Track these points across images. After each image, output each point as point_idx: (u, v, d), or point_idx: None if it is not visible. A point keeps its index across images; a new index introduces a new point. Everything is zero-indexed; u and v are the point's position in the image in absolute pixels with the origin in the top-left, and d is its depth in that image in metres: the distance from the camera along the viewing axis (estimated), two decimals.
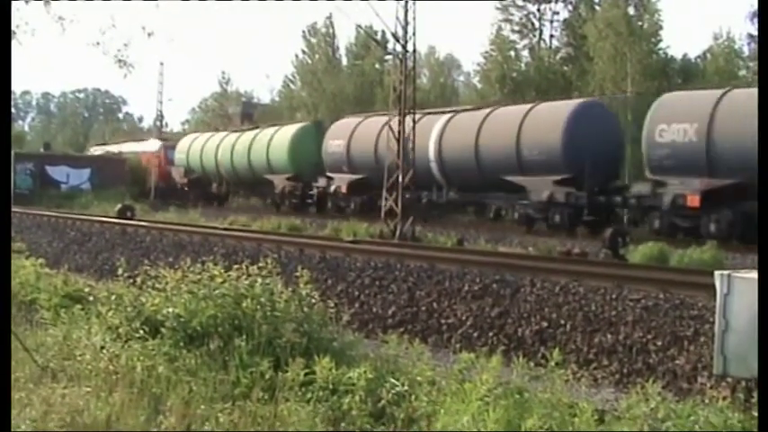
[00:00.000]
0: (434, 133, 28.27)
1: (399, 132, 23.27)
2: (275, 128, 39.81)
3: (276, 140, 37.73)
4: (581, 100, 27.81)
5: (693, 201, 20.72)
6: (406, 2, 23.19)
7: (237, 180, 41.54)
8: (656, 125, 22.03)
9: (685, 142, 21.14)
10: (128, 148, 55.07)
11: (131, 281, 7.85)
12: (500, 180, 25.25)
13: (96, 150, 59.76)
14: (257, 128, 42.47)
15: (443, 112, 28.87)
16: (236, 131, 44.24)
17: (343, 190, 32.22)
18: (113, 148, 57.48)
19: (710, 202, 20.56)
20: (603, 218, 23.66)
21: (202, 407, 5.42)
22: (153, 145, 52.17)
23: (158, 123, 51.12)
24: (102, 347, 6.54)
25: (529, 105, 27.17)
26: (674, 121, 21.67)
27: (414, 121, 23.69)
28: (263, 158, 38.15)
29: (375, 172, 28.12)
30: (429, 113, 29.18)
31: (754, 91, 23.29)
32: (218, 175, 42.52)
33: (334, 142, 33.62)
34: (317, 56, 58.81)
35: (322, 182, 33.93)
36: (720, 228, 20.26)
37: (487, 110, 27.85)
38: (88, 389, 5.72)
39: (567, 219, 24.08)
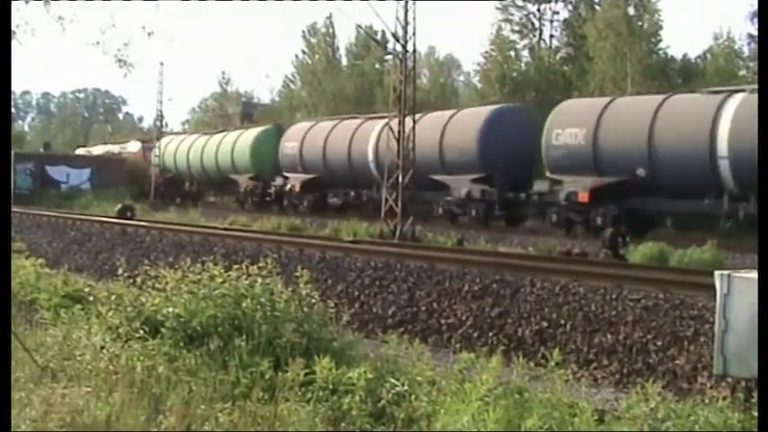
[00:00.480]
0: (373, 136, 30.99)
1: (399, 132, 23.27)
2: (240, 131, 42.91)
3: (240, 143, 40.37)
4: (497, 106, 30.38)
5: (584, 197, 23.16)
6: (406, 2, 23.18)
7: (207, 180, 44.10)
8: (553, 129, 24.43)
9: (576, 145, 23.50)
10: (110, 149, 57.89)
11: (131, 281, 7.85)
12: (429, 179, 26.79)
13: (79, 152, 61.07)
14: (224, 131, 45.70)
15: (382, 117, 30.57)
16: (206, 134, 47.23)
17: (297, 189, 35.01)
18: (97, 150, 59.24)
19: (598, 199, 22.82)
20: (514, 212, 26.39)
21: (202, 407, 5.42)
22: (134, 146, 55.01)
23: (158, 123, 51.03)
24: (102, 347, 6.54)
25: (452, 111, 29.89)
26: (567, 126, 24.08)
27: (414, 122, 23.67)
28: (228, 159, 40.83)
29: (324, 172, 33.44)
30: (370, 118, 32.72)
31: (637, 98, 25.90)
32: (190, 175, 45.42)
33: (288, 144, 36.36)
34: (316, 56, 58.79)
35: (279, 181, 36.60)
36: (606, 221, 22.22)
37: (417, 115, 29.50)
38: (88, 389, 5.72)
39: (482, 213, 26.75)
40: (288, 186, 35.63)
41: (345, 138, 33.01)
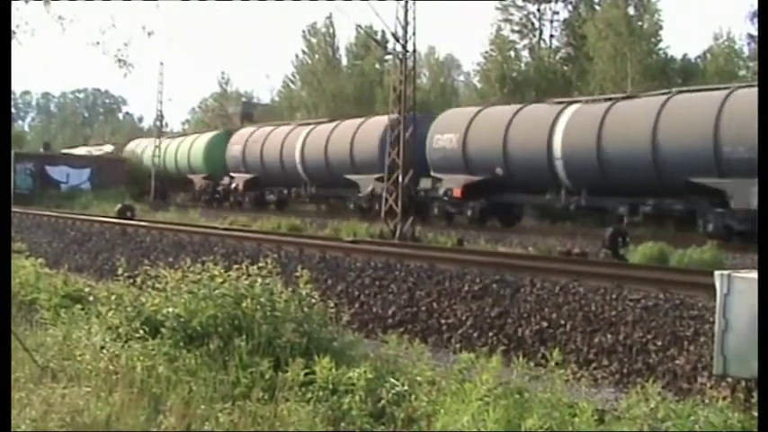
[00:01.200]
0: (299, 141, 36.42)
1: (399, 132, 23.27)
2: (195, 135, 49.04)
3: (195, 146, 45.91)
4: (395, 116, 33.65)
5: (458, 192, 27.46)
6: (406, 2, 23.18)
7: (168, 179, 48.07)
8: (434, 134, 28.87)
9: (451, 148, 27.98)
10: (88, 151, 61.40)
11: (131, 281, 7.85)
12: (343, 178, 32.51)
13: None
14: (185, 135, 52.23)
15: (308, 124, 38.21)
16: (169, 137, 52.15)
17: (240, 187, 39.99)
18: (78, 151, 60.75)
19: (470, 194, 27.18)
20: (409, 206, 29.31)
21: (202, 407, 5.42)
22: (108, 149, 60.11)
23: (158, 123, 51.07)
24: (102, 347, 6.55)
25: (360, 120, 34.41)
26: (445, 132, 28.68)
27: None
28: (185, 161, 46.24)
29: (263, 172, 38.81)
30: (300, 124, 38.97)
31: (498, 107, 29.30)
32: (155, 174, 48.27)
33: (234, 147, 41.63)
34: (316, 56, 58.75)
35: (227, 180, 41.48)
36: (474, 213, 27.16)
37: (334, 123, 36.14)
38: (88, 389, 5.72)
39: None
40: (233, 185, 40.60)
41: (279, 142, 37.91)
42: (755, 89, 20.36)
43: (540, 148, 24.85)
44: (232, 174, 41.09)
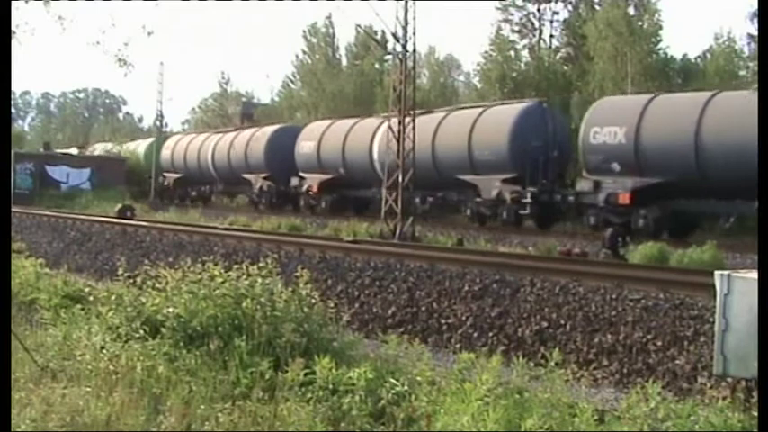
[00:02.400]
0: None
1: (399, 132, 23.27)
2: (138, 141, 56.93)
3: (140, 147, 53.10)
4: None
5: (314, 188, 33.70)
6: (406, 2, 23.18)
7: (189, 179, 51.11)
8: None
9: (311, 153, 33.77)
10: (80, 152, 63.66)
11: (131, 281, 7.85)
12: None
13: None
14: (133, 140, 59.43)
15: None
16: (122, 142, 59.20)
17: (171, 184, 46.91)
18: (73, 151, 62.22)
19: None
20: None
21: (202, 407, 5.42)
22: (74, 151, 61.33)
23: (158, 123, 51.16)
24: (102, 347, 6.55)
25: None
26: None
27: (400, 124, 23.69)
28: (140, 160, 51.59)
29: (192, 171, 45.01)
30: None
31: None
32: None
33: (166, 152, 48.16)
34: (317, 56, 58.72)
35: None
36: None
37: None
38: (88, 389, 5.73)
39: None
40: (165, 182, 47.27)
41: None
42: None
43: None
44: (165, 174, 47.06)
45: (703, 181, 20.57)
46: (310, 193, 34.34)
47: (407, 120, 23.27)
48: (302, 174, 35.08)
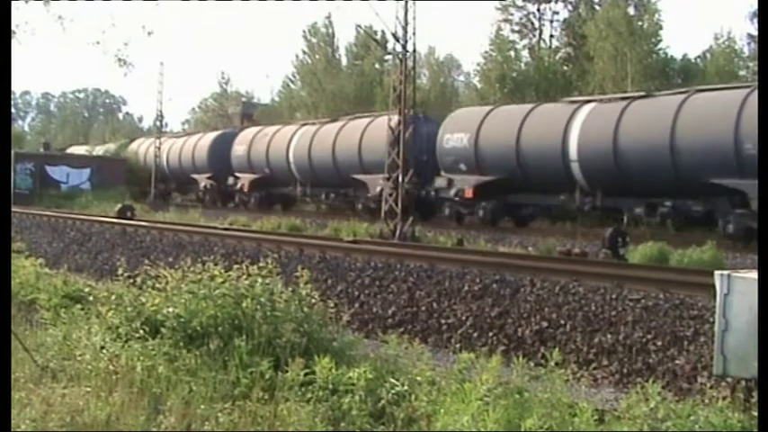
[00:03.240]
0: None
1: (399, 132, 23.27)
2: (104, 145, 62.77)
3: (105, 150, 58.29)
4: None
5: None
6: (406, 2, 23.17)
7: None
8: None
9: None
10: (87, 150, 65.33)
11: (131, 281, 7.85)
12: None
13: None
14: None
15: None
16: (98, 145, 64.18)
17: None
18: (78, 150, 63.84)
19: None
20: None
21: (202, 407, 5.42)
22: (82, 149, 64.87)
23: (158, 123, 51.13)
24: (102, 347, 6.55)
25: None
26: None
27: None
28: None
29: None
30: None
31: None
32: None
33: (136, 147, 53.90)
34: (317, 56, 58.71)
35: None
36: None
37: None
38: (88, 389, 5.73)
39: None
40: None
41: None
42: None
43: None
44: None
45: (525, 179, 25.19)
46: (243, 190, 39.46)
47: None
48: (237, 174, 40.30)
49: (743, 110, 19.65)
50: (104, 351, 6.45)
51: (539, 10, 49.66)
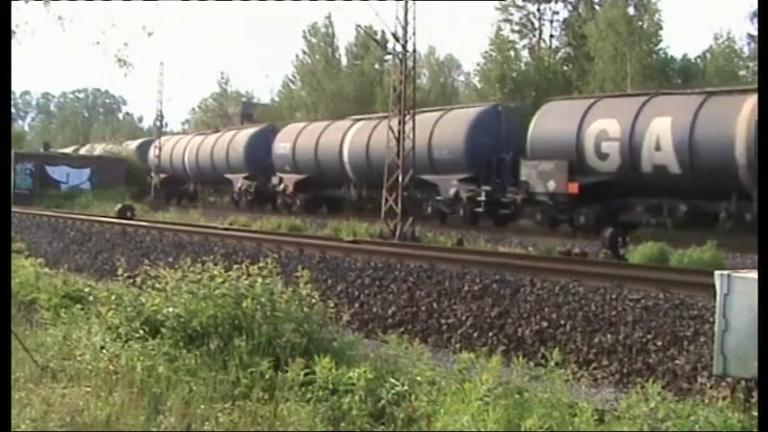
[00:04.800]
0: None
1: (399, 132, 23.27)
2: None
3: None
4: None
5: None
6: (406, 2, 23.17)
7: None
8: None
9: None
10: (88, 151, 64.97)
11: (131, 281, 7.85)
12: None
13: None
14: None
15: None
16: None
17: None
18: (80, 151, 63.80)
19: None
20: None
21: (202, 407, 5.42)
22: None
23: (158, 123, 51.16)
24: (102, 347, 6.55)
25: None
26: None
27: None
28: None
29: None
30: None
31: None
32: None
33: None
34: (316, 56, 58.71)
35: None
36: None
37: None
38: (88, 389, 5.72)
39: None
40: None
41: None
42: None
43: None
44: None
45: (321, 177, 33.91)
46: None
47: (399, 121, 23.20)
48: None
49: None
50: (104, 351, 6.45)
51: (539, 10, 49.69)
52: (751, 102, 19.33)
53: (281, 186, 36.17)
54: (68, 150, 62.61)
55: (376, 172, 27.09)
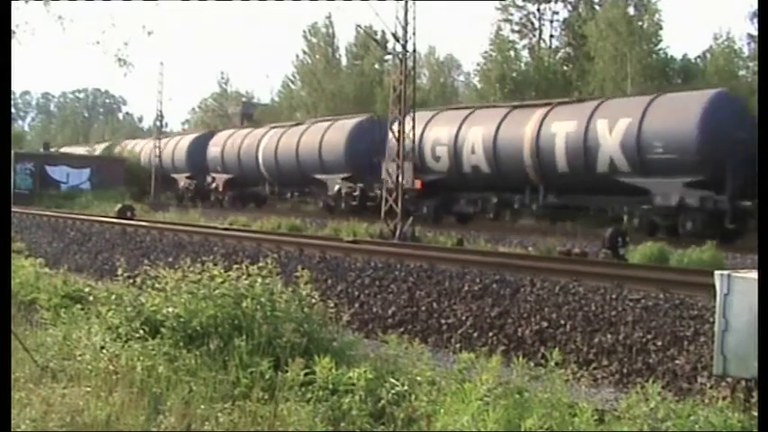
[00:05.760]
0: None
1: (400, 132, 23.27)
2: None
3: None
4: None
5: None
6: (406, 2, 23.18)
7: None
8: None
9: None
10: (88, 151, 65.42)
11: (131, 281, 7.85)
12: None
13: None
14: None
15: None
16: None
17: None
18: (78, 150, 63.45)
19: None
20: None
21: (202, 407, 5.42)
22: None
23: (158, 123, 51.15)
24: (102, 347, 6.55)
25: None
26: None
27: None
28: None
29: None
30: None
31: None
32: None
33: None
34: (317, 56, 58.76)
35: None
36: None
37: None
38: (88, 389, 5.72)
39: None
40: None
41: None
42: None
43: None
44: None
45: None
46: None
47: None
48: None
49: None
50: (104, 351, 6.44)
51: (539, 10, 49.71)
52: (539, 113, 25.51)
53: (214, 185, 42.73)
54: (82, 150, 62.01)
55: (284, 172, 36.81)
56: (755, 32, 35.57)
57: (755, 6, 36.20)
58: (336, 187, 32.84)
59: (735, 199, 20.28)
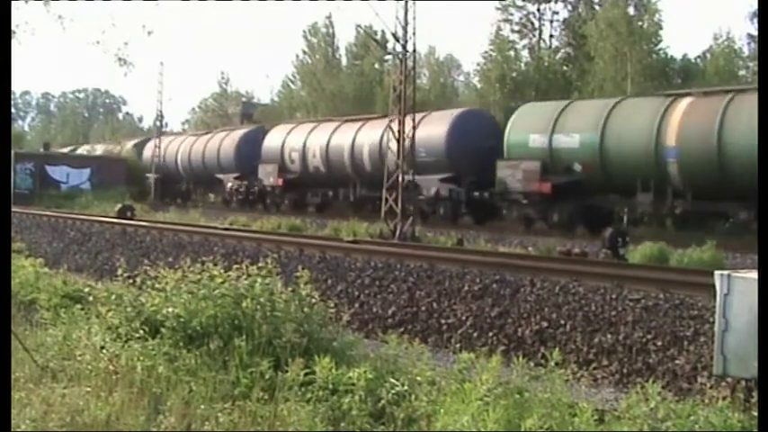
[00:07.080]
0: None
1: (399, 132, 23.27)
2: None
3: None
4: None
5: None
6: (406, 2, 23.16)
7: None
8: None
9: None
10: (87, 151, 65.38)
11: (131, 281, 7.85)
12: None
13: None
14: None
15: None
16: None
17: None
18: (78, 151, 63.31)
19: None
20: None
21: (202, 407, 5.42)
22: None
23: (158, 123, 51.15)
24: (102, 347, 6.54)
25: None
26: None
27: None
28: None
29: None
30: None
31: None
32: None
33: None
34: (317, 56, 58.76)
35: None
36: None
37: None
38: (88, 389, 5.72)
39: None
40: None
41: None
42: None
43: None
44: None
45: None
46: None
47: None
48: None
49: None
50: (104, 351, 6.44)
51: (539, 10, 49.70)
52: (356, 126, 33.23)
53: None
54: (82, 150, 61.88)
55: (196, 171, 45.27)
56: (755, 32, 35.60)
57: (755, 6, 36.26)
58: (230, 184, 41.39)
59: (470, 191, 27.89)
